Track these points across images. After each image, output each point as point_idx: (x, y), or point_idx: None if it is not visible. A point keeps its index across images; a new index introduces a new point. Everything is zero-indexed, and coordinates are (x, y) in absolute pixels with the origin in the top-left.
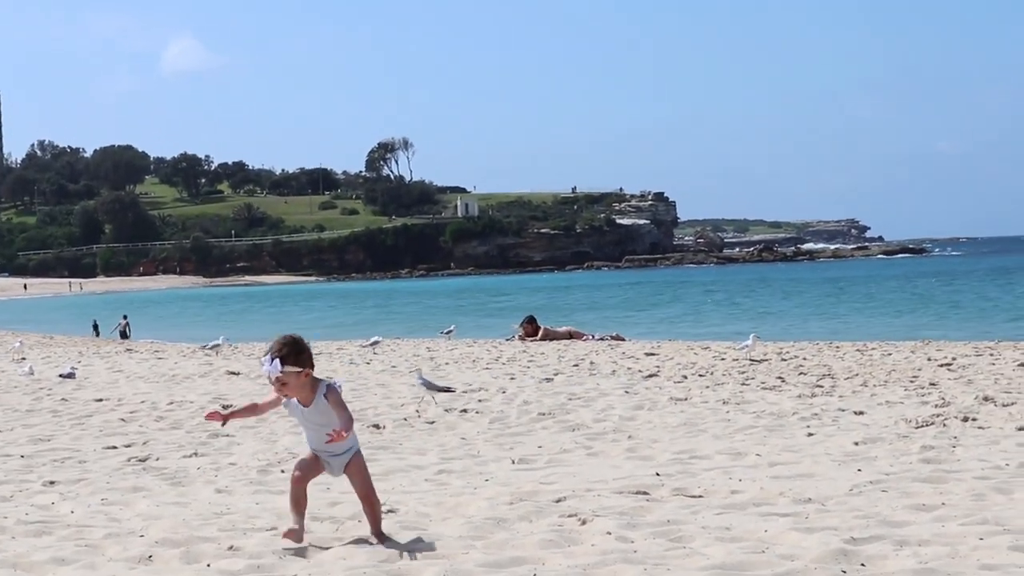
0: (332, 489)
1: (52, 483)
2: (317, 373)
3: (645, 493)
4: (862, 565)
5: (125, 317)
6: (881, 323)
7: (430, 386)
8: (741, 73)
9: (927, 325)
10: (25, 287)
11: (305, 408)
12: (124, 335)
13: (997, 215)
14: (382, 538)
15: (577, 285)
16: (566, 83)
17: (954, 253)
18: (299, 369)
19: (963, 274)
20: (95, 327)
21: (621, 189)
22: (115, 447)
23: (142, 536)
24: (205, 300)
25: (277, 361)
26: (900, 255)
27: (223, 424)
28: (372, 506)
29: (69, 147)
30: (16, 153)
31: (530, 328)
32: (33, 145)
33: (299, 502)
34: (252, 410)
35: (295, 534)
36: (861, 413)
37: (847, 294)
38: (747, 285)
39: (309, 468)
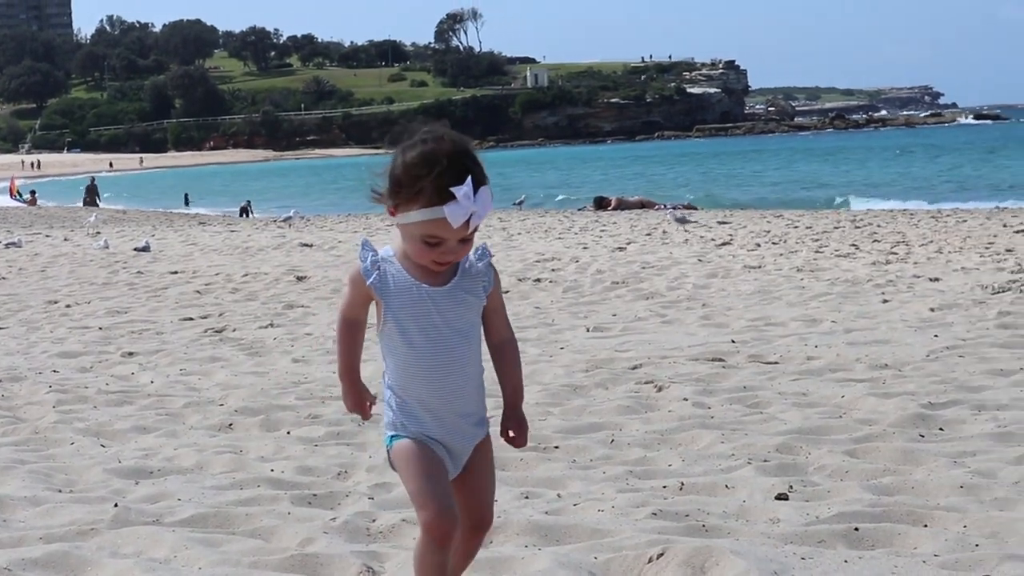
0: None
1: (131, 354)
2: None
3: (721, 360)
4: (940, 429)
5: (248, 202)
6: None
7: None
8: None
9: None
10: (111, 164)
11: (437, 290)
12: (245, 212)
13: None
14: None
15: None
16: None
17: None
18: None
19: None
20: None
21: (692, 58)
22: (191, 319)
23: (222, 405)
24: (276, 174)
25: (488, 192)
26: (976, 122)
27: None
28: (477, 544)
29: (138, 22)
30: (86, 29)
31: (600, 207)
32: (102, 20)
33: None
34: (354, 338)
35: None
36: (936, 280)
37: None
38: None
39: (444, 483)
